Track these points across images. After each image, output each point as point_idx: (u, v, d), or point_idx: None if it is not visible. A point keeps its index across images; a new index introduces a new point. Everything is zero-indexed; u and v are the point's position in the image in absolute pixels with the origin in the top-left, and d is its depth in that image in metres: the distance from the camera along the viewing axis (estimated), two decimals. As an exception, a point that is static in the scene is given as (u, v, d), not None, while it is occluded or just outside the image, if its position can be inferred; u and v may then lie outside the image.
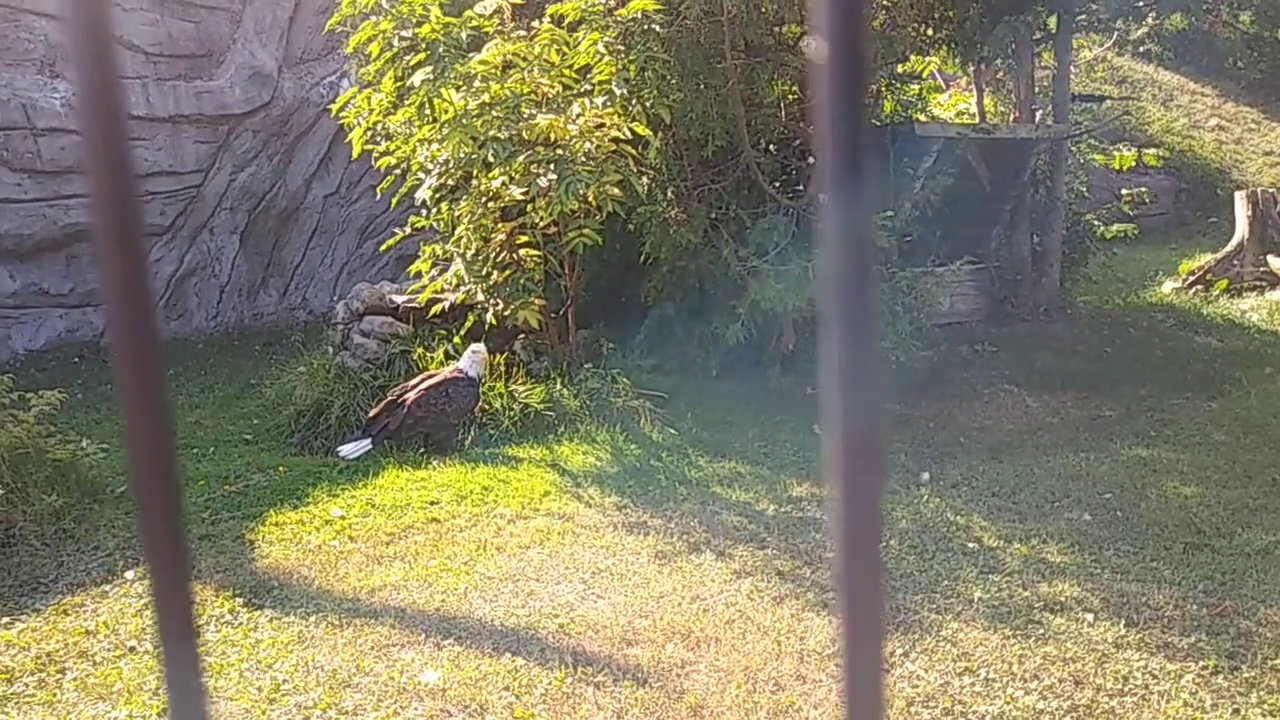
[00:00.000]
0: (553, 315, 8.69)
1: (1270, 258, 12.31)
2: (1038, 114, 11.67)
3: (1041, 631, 4.68)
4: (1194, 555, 5.63)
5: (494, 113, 7.57)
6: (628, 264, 9.55)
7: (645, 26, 7.28)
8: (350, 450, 7.37)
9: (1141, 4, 10.89)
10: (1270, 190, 13.62)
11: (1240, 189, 14.18)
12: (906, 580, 5.24)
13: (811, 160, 9.15)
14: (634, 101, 7.33)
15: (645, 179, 7.73)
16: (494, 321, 8.29)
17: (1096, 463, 7.26)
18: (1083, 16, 11.18)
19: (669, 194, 8.60)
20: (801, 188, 9.93)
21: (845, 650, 0.68)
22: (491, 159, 7.54)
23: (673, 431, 8.03)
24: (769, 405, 8.73)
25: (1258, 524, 6.11)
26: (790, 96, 10.16)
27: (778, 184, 9.65)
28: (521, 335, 8.80)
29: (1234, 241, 12.66)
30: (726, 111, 8.18)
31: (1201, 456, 7.41)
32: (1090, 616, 4.84)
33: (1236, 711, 4.03)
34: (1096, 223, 12.40)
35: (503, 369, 8.39)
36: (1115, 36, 13.12)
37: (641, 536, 5.86)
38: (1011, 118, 11.62)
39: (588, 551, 5.67)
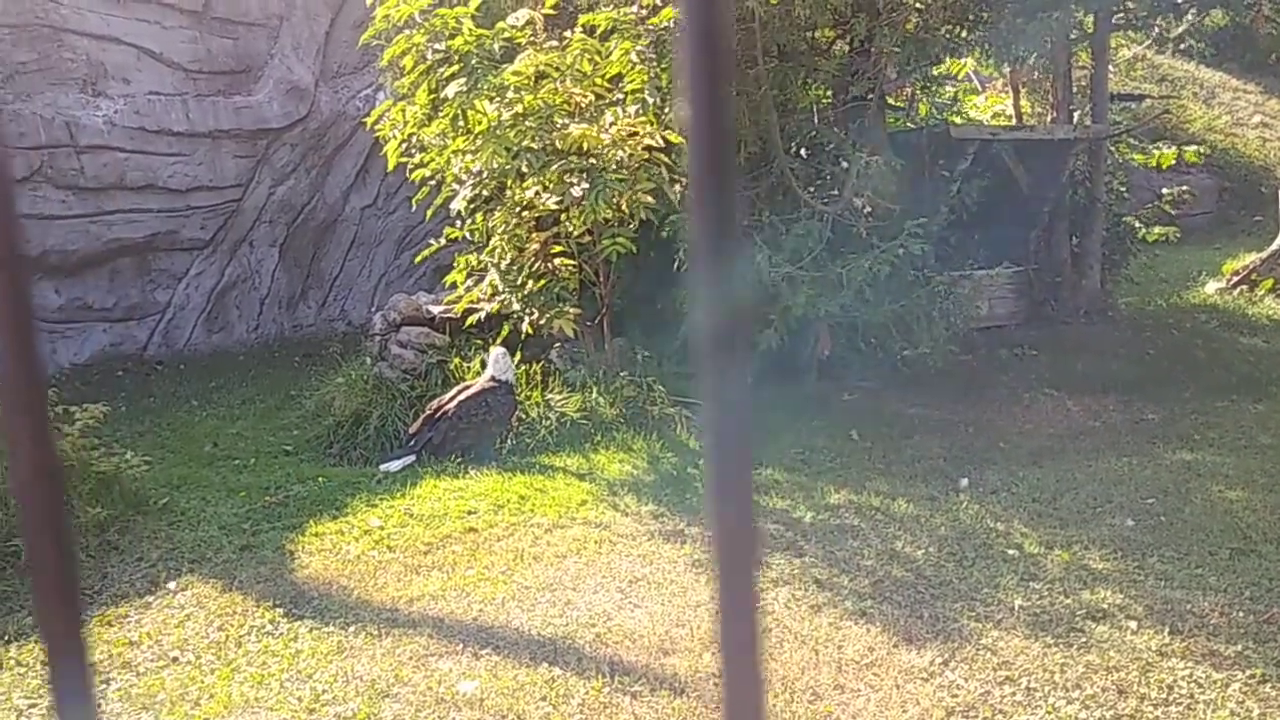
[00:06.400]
0: (588, 324, 8.70)
1: (1316, 256, 12.12)
2: (1075, 114, 11.55)
3: (1084, 640, 4.62)
4: (1240, 561, 5.54)
5: (527, 123, 7.61)
6: (663, 272, 9.54)
7: (677, 35, 7.27)
8: (394, 465, 7.41)
9: (1181, 1, 10.75)
10: (1316, 188, 13.41)
11: (1285, 187, 13.96)
12: (945, 588, 5.20)
13: (845, 165, 9.10)
14: (666, 109, 7.33)
15: (678, 186, 7.73)
16: (530, 330, 8.31)
17: (1139, 467, 7.16)
18: (1120, 15, 11.05)
19: (702, 201, 8.56)
20: (836, 193, 9.88)
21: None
22: (525, 169, 7.57)
23: (709, 439, 7.99)
24: (806, 411, 8.69)
25: (1306, 529, 6.00)
26: (824, 101, 10.13)
27: (812, 189, 9.62)
28: (557, 344, 8.82)
29: (1278, 241, 12.45)
30: (759, 117, 8.17)
31: (1247, 460, 7.29)
32: (1134, 624, 4.77)
33: (1285, 721, 3.96)
34: (1138, 224, 12.23)
35: (539, 378, 8.41)
36: (1155, 34, 12.97)
37: (678, 545, 5.85)
38: (1049, 118, 11.51)
39: (624, 560, 5.67)
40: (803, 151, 9.37)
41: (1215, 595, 5.10)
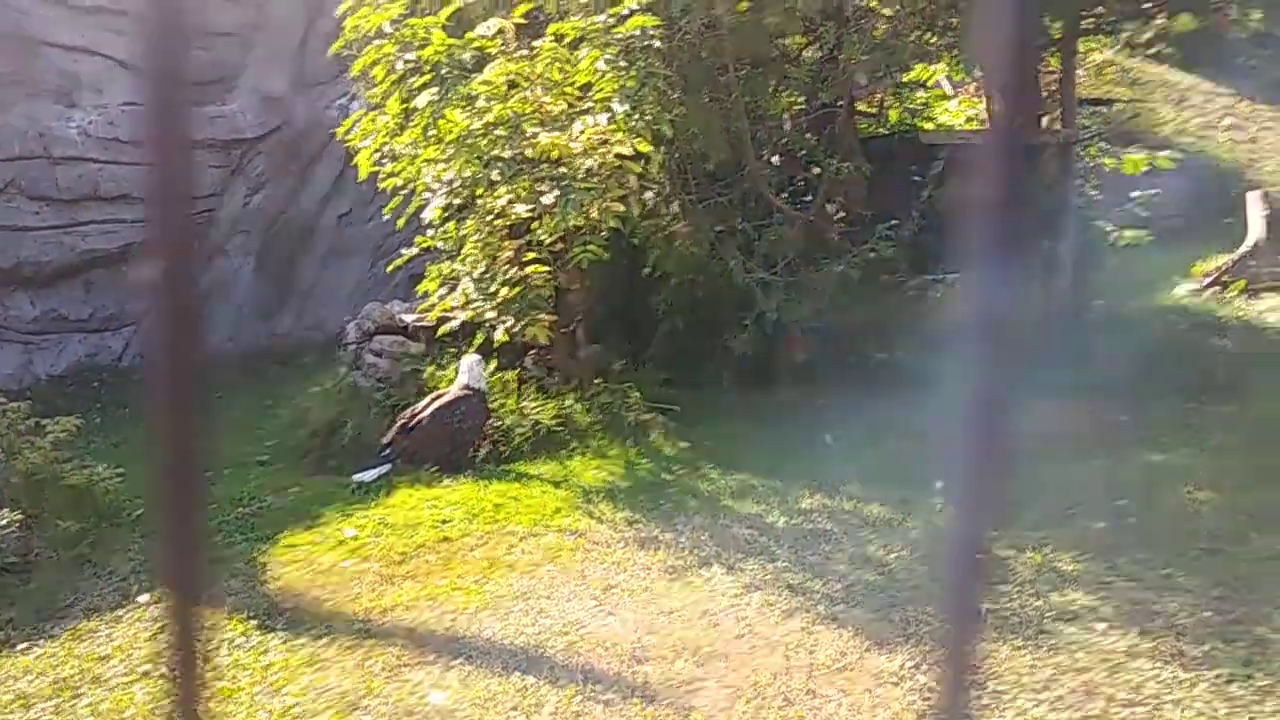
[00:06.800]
0: (562, 331, 8.71)
1: (1285, 257, 12.23)
2: (1045, 119, 11.63)
3: (1053, 641, 4.65)
4: (1208, 561, 5.59)
5: (498, 132, 7.63)
6: (637, 278, 9.58)
7: (645, 43, 7.32)
8: (368, 475, 7.40)
9: (1149, 5, 10.86)
10: (1285, 189, 13.56)
11: (1255, 188, 14.07)
12: (917, 591, 5.23)
13: (817, 171, 9.17)
14: (636, 117, 7.37)
15: (649, 193, 7.77)
16: (504, 338, 8.32)
17: (1111, 469, 7.21)
18: (1089, 20, 11.15)
19: (673, 208, 8.63)
20: (809, 198, 9.93)
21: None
22: (496, 178, 7.59)
23: (684, 445, 8.03)
24: (781, 416, 8.72)
25: (1273, 529, 6.04)
26: (796, 107, 10.18)
27: (785, 195, 9.67)
28: (532, 351, 8.82)
29: (1249, 242, 12.57)
30: (730, 124, 8.21)
31: (1217, 461, 7.34)
32: (1102, 625, 4.81)
33: (1250, 720, 4.00)
34: (1110, 228, 12.33)
35: (514, 386, 8.42)
36: (1124, 39, 13.11)
37: (652, 551, 5.87)
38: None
39: (599, 568, 5.69)
40: (774, 158, 9.42)
41: (1184, 595, 5.15)
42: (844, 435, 8.28)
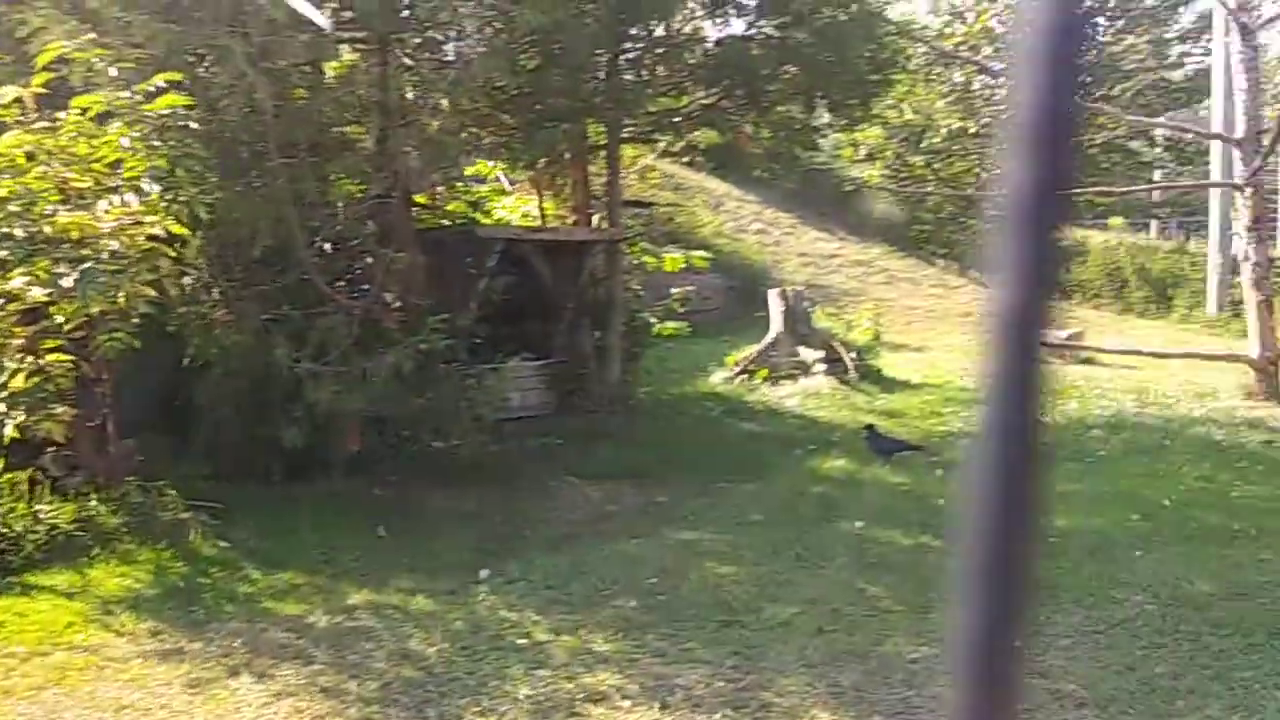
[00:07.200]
0: (89, 425, 7.97)
1: (801, 348, 13.75)
2: (594, 218, 12.40)
3: (581, 725, 4.81)
4: (725, 632, 6.05)
5: (11, 208, 6.93)
6: (181, 367, 9.00)
7: (179, 122, 6.98)
8: None
9: (679, 120, 11.97)
10: (798, 288, 15.31)
11: (779, 286, 15.77)
12: (454, 684, 5.23)
13: (371, 260, 9.15)
14: (171, 197, 6.98)
15: (187, 279, 7.35)
16: (16, 434, 7.46)
17: (647, 548, 7.65)
18: (630, 129, 12.10)
19: (214, 294, 8.23)
20: (367, 288, 9.85)
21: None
22: (8, 258, 6.88)
23: (226, 544, 7.57)
24: (333, 509, 8.47)
25: (783, 597, 6.67)
26: (358, 195, 10.11)
27: (341, 284, 9.54)
28: (52, 449, 7.98)
29: (770, 335, 14.03)
30: (277, 211, 8.00)
31: (739, 537, 8.01)
32: (627, 703, 5.05)
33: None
34: (653, 320, 13.31)
35: (26, 487, 7.56)
36: (661, 148, 14.33)
37: (176, 664, 5.45)
38: (570, 220, 12.28)
39: (112, 687, 5.19)
40: (327, 246, 9.27)
41: (702, 667, 5.53)
42: (397, 526, 8.19)
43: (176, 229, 7.02)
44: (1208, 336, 18.04)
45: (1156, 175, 25.25)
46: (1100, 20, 26.19)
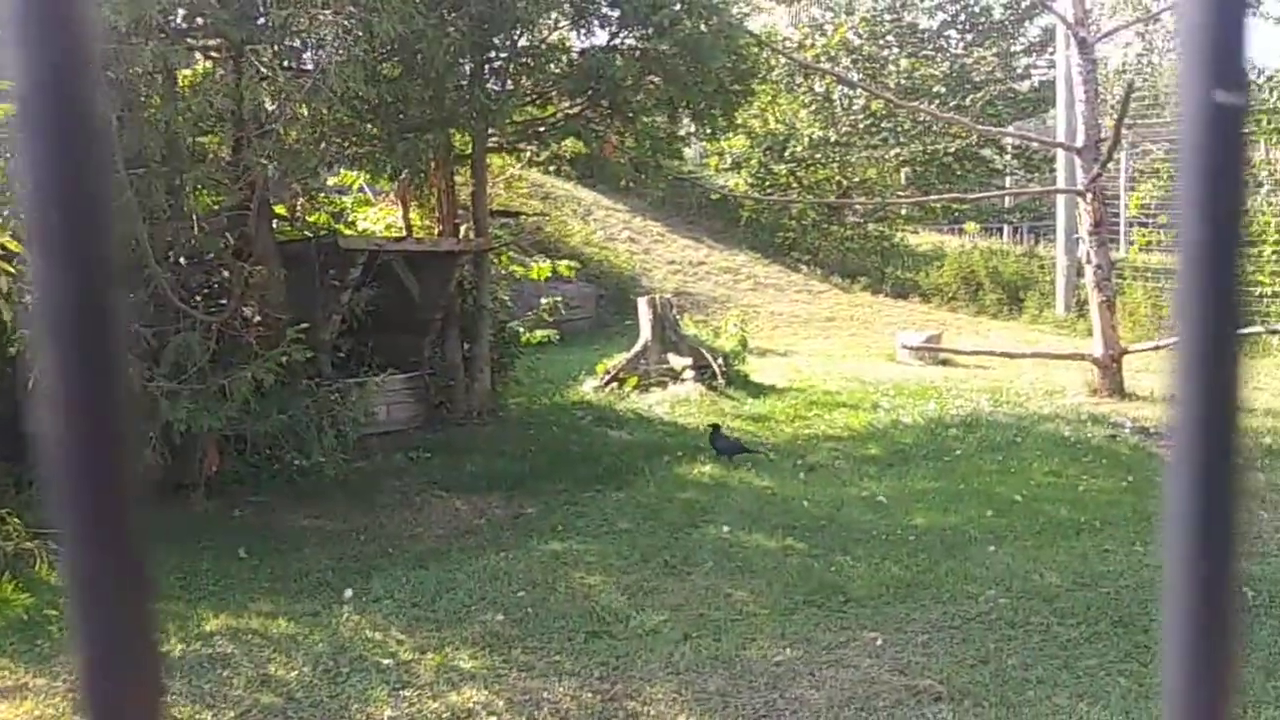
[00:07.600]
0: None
1: (670, 355, 13.88)
2: (461, 228, 12.31)
3: (446, 743, 4.78)
4: (593, 643, 6.08)
5: None
6: (19, 392, 8.61)
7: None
8: None
9: (543, 130, 11.97)
10: (667, 296, 15.46)
11: (648, 294, 15.90)
12: (316, 709, 5.14)
13: (228, 273, 8.91)
14: (10, 214, 6.68)
15: (29, 298, 7.04)
16: None
17: (515, 561, 7.62)
18: (495, 138, 12.05)
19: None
20: (225, 302, 9.59)
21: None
22: None
23: (75, 573, 7.27)
24: (191, 533, 8.21)
25: (650, 605, 6.74)
26: (215, 207, 9.84)
27: (197, 299, 9.26)
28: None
29: (640, 342, 14.12)
30: (126, 225, 7.72)
31: (607, 545, 8.05)
32: None
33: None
34: (521, 330, 13.27)
35: None
36: (526, 157, 14.31)
37: (18, 703, 5.23)
38: (437, 231, 12.15)
39: (-54, 731, 4.94)
40: (183, 260, 9.00)
41: (569, 679, 5.55)
42: (259, 548, 8.00)
43: (14, 246, 6.71)
44: (1056, 336, 18.81)
45: (1008, 182, 26.22)
46: (952, 33, 27.21)
